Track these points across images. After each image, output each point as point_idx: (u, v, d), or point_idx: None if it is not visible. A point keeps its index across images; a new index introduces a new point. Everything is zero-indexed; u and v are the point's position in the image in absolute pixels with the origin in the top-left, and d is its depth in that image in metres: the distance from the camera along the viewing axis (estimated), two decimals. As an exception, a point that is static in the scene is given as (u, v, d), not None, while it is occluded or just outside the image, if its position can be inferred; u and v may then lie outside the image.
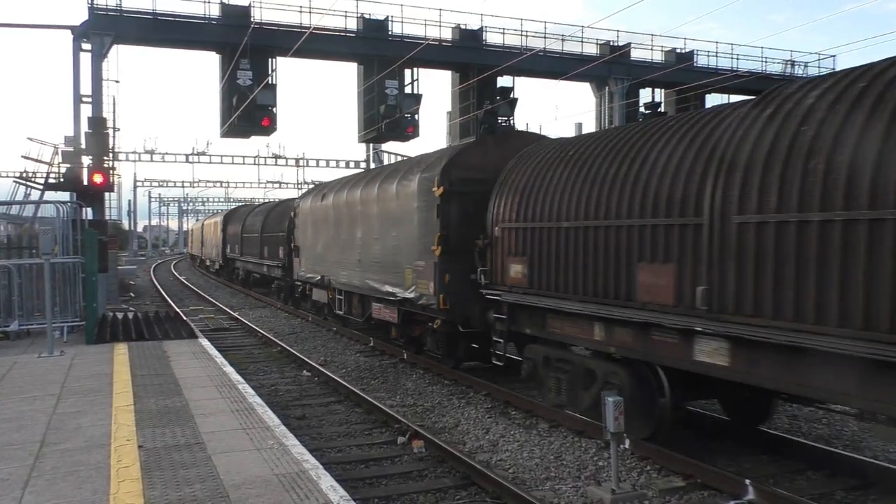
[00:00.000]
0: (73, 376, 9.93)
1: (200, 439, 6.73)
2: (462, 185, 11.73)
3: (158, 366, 10.70)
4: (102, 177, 21.76)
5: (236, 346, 16.48)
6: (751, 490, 6.42)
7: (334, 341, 17.11)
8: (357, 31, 26.56)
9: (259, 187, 67.09)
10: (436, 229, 11.80)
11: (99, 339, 13.34)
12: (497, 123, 28.60)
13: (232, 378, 9.78)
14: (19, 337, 13.62)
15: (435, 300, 11.80)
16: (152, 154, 46.99)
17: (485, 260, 10.85)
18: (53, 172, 25.26)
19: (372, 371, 13.26)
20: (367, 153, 41.13)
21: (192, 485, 5.48)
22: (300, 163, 50.77)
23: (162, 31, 24.49)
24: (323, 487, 5.41)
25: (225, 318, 22.19)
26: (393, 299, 13.70)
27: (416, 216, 12.63)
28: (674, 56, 31.42)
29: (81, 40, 23.15)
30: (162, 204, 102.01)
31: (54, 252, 13.21)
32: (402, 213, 13.41)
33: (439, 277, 11.72)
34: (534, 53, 27.26)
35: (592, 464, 7.71)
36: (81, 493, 5.36)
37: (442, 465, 7.78)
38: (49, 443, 6.67)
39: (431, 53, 26.31)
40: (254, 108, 23.94)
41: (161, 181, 71.68)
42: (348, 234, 16.54)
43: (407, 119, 26.82)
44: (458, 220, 11.70)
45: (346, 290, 16.97)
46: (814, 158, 5.84)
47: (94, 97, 23.07)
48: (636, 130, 8.61)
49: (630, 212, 7.77)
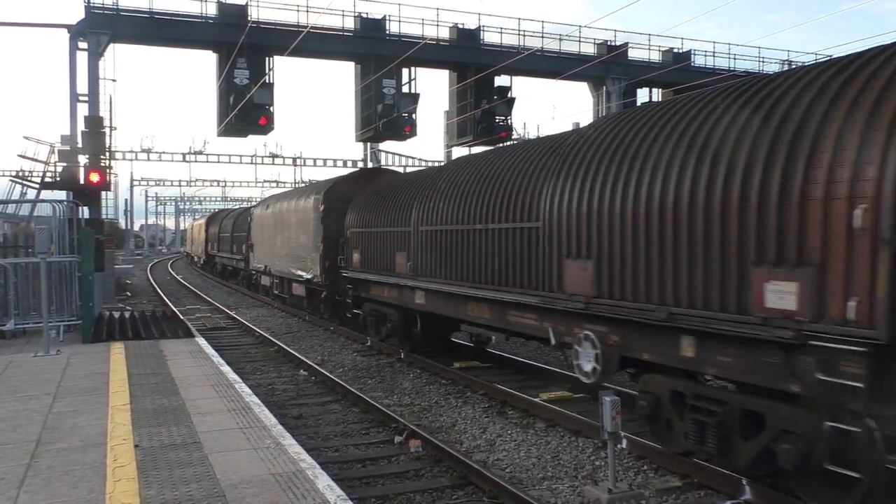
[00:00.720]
0: (70, 375, 9.91)
1: (197, 438, 6.72)
2: (336, 203, 17.97)
3: (155, 365, 10.69)
4: (99, 176, 21.70)
5: (233, 345, 16.46)
6: (747, 490, 6.43)
7: (331, 340, 17.10)
8: (354, 30, 26.54)
9: (256, 186, 67.03)
10: (321, 232, 18.37)
11: (95, 338, 13.31)
12: (495, 123, 28.62)
13: (229, 377, 9.77)
14: (15, 336, 13.59)
15: (320, 278, 18.48)
16: (149, 153, 46.84)
17: (343, 252, 16.96)
18: (50, 171, 25.19)
19: (369, 370, 13.25)
20: (365, 152, 41.08)
21: (189, 484, 5.46)
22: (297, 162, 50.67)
23: (159, 30, 24.42)
24: (320, 487, 5.41)
25: (222, 318, 22.16)
26: (302, 280, 20.33)
27: (312, 223, 19.16)
28: (671, 56, 31.45)
29: (78, 39, 23.07)
30: (159, 203, 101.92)
31: (50, 251, 13.17)
32: (305, 221, 19.94)
33: (322, 264, 18.30)
34: (531, 53, 27.27)
35: (589, 463, 7.72)
36: (77, 492, 5.35)
37: (439, 464, 7.78)
38: (45, 442, 6.65)
39: (429, 53, 26.29)
40: (251, 108, 23.92)
41: (158, 180, 71.50)
42: (279, 235, 23.18)
43: (404, 118, 26.81)
44: (334, 226, 17.81)
45: (278, 276, 23.82)
46: None
47: (90, 96, 23.00)
48: (414, 177, 14.72)
49: (390, 221, 14.05)
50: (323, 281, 18.27)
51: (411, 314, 13.81)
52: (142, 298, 28.92)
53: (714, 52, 32.03)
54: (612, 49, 29.94)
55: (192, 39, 25.18)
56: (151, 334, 13.99)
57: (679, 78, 29.46)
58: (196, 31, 24.80)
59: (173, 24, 24.55)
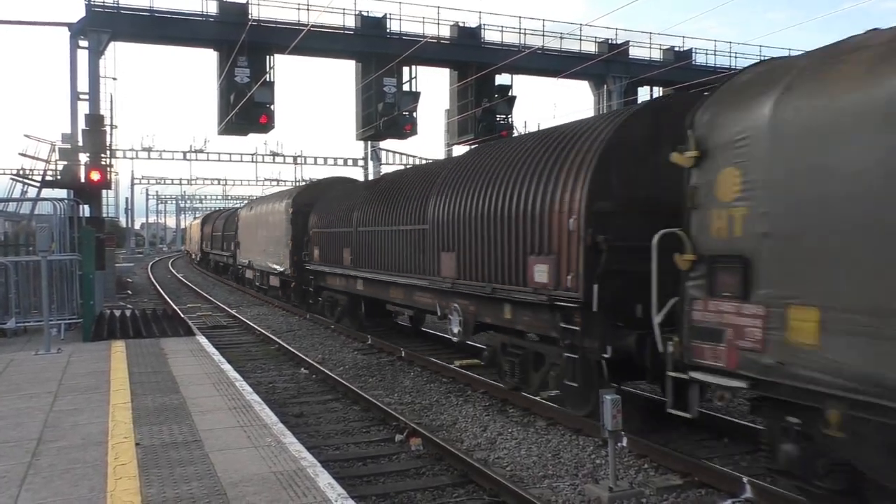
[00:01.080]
0: (70, 374, 9.92)
1: (198, 437, 6.72)
2: (302, 207, 21.33)
3: (156, 363, 10.69)
4: (100, 174, 21.69)
5: (234, 343, 16.46)
6: (748, 488, 6.43)
7: (332, 339, 17.10)
8: (355, 28, 26.53)
9: (257, 185, 67.11)
10: (290, 232, 21.77)
11: (96, 336, 13.32)
12: (495, 121, 28.60)
13: (229, 375, 9.78)
14: (16, 334, 13.59)
15: (290, 271, 21.83)
16: (150, 151, 46.86)
17: (307, 248, 20.39)
18: (51, 170, 25.21)
19: (369, 369, 13.25)
20: (365, 151, 41.07)
21: (190, 482, 5.47)
22: (298, 160, 50.71)
23: (159, 29, 24.43)
24: (321, 485, 5.41)
25: (223, 316, 22.17)
26: (276, 273, 23.71)
27: (283, 224, 22.51)
28: (672, 54, 31.42)
29: (78, 37, 23.08)
30: (160, 201, 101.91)
31: (51, 249, 13.17)
32: (279, 222, 23.21)
33: (291, 258, 21.59)
34: (532, 51, 27.24)
35: (590, 462, 7.72)
36: (78, 490, 5.35)
37: (440, 462, 7.77)
38: (46, 440, 6.66)
39: (430, 51, 26.28)
40: (251, 106, 23.92)
41: (158, 178, 71.64)
42: (259, 234, 26.52)
43: (405, 117, 26.81)
44: (300, 226, 21.12)
45: (259, 270, 27.05)
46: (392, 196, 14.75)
47: (91, 94, 23.01)
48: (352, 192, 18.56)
49: (340, 223, 17.45)
50: (292, 273, 21.79)
51: (356, 299, 17.33)
52: (143, 297, 28.93)
53: (715, 50, 32.05)
54: (613, 47, 29.92)
55: (192, 38, 25.18)
56: (152, 332, 14.00)
57: (680, 76, 29.44)
58: (197, 29, 24.80)
59: (174, 22, 24.56)
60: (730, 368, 5.91)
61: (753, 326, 5.67)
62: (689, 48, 31.81)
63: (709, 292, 6.11)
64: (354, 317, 17.66)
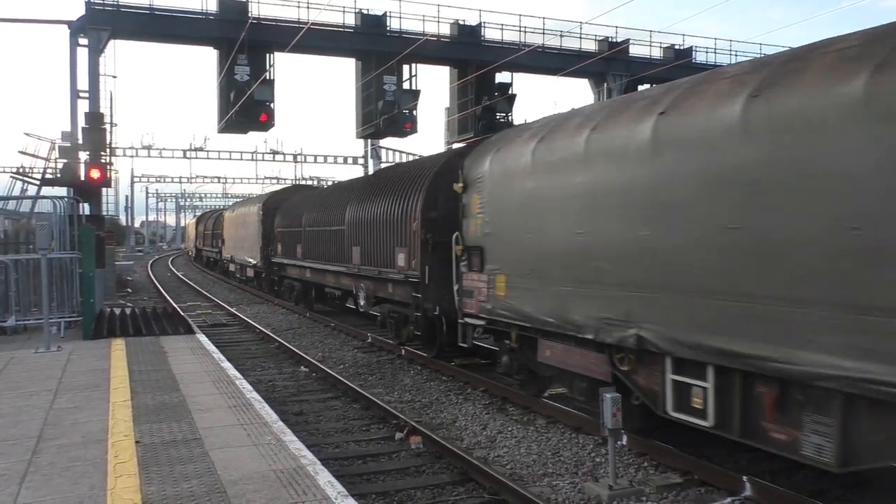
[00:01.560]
0: (70, 372, 9.92)
1: (198, 435, 6.72)
2: (270, 210, 25.88)
3: (156, 361, 10.69)
4: (99, 172, 21.71)
5: (234, 341, 16.47)
6: (748, 486, 6.43)
7: (332, 337, 17.10)
8: (355, 26, 26.49)
9: (257, 183, 67.05)
10: (261, 230, 26.22)
11: (96, 334, 13.31)
12: (495, 119, 28.55)
13: (229, 374, 9.78)
14: (16, 332, 13.59)
15: (261, 264, 26.40)
16: (150, 149, 46.89)
17: (273, 244, 24.70)
18: (50, 168, 25.22)
19: (370, 367, 13.26)
20: (365, 149, 41.07)
21: (190, 480, 5.47)
22: (298, 158, 50.74)
23: (159, 26, 24.39)
24: (321, 483, 5.41)
25: (223, 314, 22.18)
26: (251, 265, 28.56)
27: (256, 224, 27.06)
28: (672, 52, 31.38)
29: (78, 35, 23.05)
30: (159, 199, 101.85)
31: (51, 247, 13.17)
32: (253, 222, 27.78)
33: (261, 253, 26.18)
34: (532, 49, 27.20)
35: (590, 460, 7.72)
36: (78, 488, 5.35)
37: (440, 460, 7.78)
38: (46, 438, 6.66)
39: (430, 49, 26.25)
40: (251, 104, 23.88)
41: (158, 177, 71.66)
42: (239, 232, 31.20)
43: (405, 115, 26.77)
44: (269, 226, 25.52)
45: (239, 263, 31.63)
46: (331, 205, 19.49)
47: (90, 92, 22.99)
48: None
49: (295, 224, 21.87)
50: (262, 265, 26.47)
51: (307, 284, 21.62)
52: (143, 295, 28.92)
53: (715, 48, 32.00)
54: (614, 46, 29.88)
55: (192, 36, 25.14)
56: (152, 331, 14.00)
57: (680, 75, 29.20)
58: (197, 27, 24.76)
59: (174, 20, 24.52)
60: (476, 313, 10.21)
61: (484, 287, 9.88)
62: (689, 46, 31.77)
63: (468, 268, 10.36)
64: (306, 300, 22.00)
